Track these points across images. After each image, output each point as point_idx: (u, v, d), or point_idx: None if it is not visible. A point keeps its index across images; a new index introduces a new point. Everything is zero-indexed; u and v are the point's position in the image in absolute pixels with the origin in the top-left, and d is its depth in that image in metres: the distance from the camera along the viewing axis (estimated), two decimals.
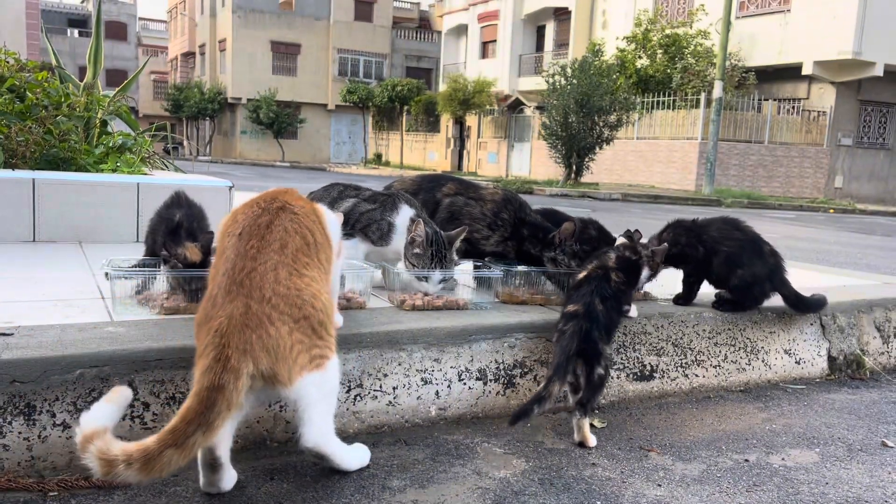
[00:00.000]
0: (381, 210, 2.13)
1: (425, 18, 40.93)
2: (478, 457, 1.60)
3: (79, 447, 1.11)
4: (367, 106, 32.41)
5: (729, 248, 2.20)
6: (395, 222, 2.11)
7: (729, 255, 2.19)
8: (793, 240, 4.35)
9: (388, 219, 2.12)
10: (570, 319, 1.76)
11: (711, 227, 2.25)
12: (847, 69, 17.42)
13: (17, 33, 15.61)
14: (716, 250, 2.21)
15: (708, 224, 2.27)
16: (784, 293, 2.27)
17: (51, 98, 3.63)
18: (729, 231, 2.24)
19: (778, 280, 2.25)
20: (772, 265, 2.23)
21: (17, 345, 1.45)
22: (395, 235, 2.11)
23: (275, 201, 1.44)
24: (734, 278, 2.22)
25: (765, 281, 2.23)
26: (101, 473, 1.10)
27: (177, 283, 1.84)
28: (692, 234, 2.24)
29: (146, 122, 33.44)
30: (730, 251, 2.20)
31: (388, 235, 2.11)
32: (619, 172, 19.81)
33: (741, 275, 2.21)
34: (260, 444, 1.58)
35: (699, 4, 19.48)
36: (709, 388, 2.20)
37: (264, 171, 22.89)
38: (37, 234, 3.07)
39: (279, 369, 1.25)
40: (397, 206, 2.14)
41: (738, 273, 2.21)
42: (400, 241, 2.10)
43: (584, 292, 1.81)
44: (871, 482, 1.58)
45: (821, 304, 2.36)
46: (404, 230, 2.09)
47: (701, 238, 2.23)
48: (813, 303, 2.34)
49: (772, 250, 2.26)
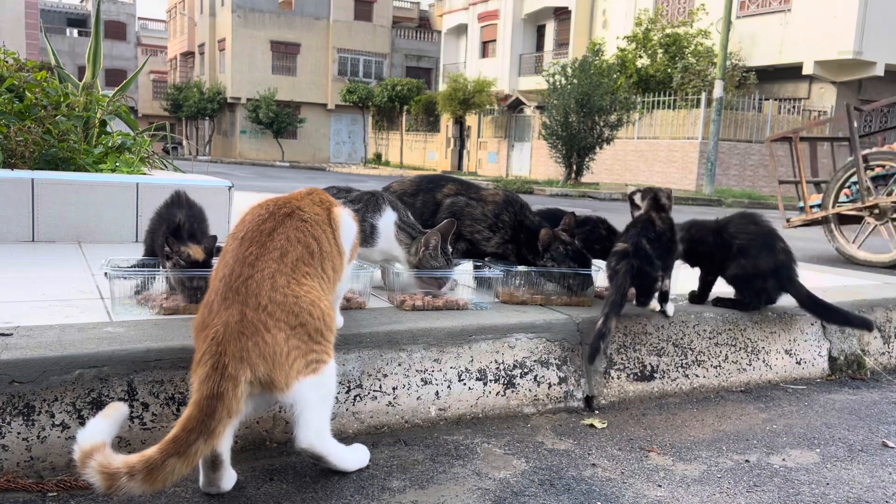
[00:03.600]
0: (363, 211, 2.08)
1: (425, 18, 40.94)
2: (478, 457, 1.60)
3: (78, 464, 1.11)
4: (367, 106, 32.43)
5: (741, 241, 2.21)
6: (378, 225, 2.07)
7: (740, 247, 2.20)
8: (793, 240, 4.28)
9: (370, 220, 2.07)
10: (622, 259, 1.96)
11: (730, 224, 2.27)
12: (847, 69, 17.42)
13: (17, 33, 15.60)
14: (730, 245, 2.22)
15: (728, 222, 2.28)
16: (792, 292, 2.22)
17: (50, 98, 3.63)
18: (744, 225, 2.24)
19: (784, 278, 2.20)
20: (780, 262, 2.19)
21: (16, 345, 1.45)
22: (379, 238, 2.07)
23: (285, 206, 1.43)
24: (734, 267, 2.21)
25: (767, 276, 2.20)
26: (104, 488, 1.10)
27: (178, 282, 1.83)
28: (717, 235, 2.26)
29: (145, 121, 33.47)
30: (741, 244, 2.20)
31: (370, 237, 2.07)
32: (619, 172, 19.81)
33: (742, 264, 2.19)
34: (259, 445, 1.57)
35: (699, 4, 19.49)
36: (709, 389, 2.19)
37: (264, 170, 22.89)
38: (36, 234, 3.07)
39: (276, 376, 1.25)
40: (381, 207, 2.09)
41: (741, 262, 2.19)
42: (383, 243, 2.07)
43: (632, 234, 2.00)
44: (871, 482, 1.58)
45: (853, 320, 2.25)
46: (388, 234, 2.06)
47: (723, 237, 2.24)
48: (837, 311, 2.23)
49: (784, 248, 2.23)
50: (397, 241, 2.07)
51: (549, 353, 1.96)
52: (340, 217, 1.54)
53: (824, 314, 2.27)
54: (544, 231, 2.20)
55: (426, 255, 2.01)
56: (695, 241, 2.25)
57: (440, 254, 2.02)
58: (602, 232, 2.44)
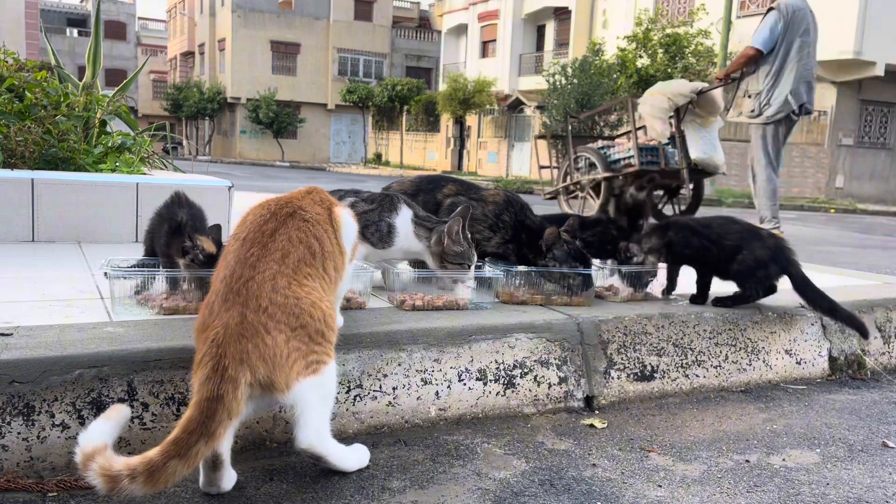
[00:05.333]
0: (379, 211, 2.10)
1: (425, 18, 40.93)
2: (478, 457, 1.60)
3: (80, 467, 1.11)
4: (367, 106, 32.42)
5: (731, 241, 2.26)
6: (396, 224, 2.10)
7: (731, 246, 2.26)
8: (794, 240, 4.27)
9: (387, 220, 2.09)
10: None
11: (713, 224, 2.33)
12: (848, 69, 17.42)
13: (16, 33, 15.60)
14: (720, 244, 2.27)
15: (709, 222, 2.35)
16: (793, 272, 2.25)
17: (50, 98, 3.63)
18: (728, 226, 2.30)
19: (784, 259, 2.25)
20: (772, 246, 2.25)
21: (16, 345, 1.45)
22: (397, 237, 2.09)
23: (287, 206, 1.43)
24: (734, 264, 2.25)
25: (769, 262, 2.24)
26: (106, 490, 1.10)
27: (196, 280, 1.82)
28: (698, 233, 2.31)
29: (145, 121, 33.45)
30: (732, 243, 2.26)
31: (388, 237, 2.09)
32: None
33: (742, 259, 2.23)
34: (259, 445, 1.57)
35: (700, 4, 19.48)
36: (709, 389, 2.19)
37: (264, 170, 22.89)
38: (36, 234, 3.07)
39: (276, 377, 1.25)
40: (396, 206, 2.12)
41: (739, 258, 2.24)
42: (403, 241, 2.09)
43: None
44: (871, 483, 1.58)
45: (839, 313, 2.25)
46: (407, 230, 2.08)
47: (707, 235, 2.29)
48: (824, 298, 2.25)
49: (770, 234, 2.31)
50: (416, 236, 2.10)
51: (549, 353, 1.96)
52: (341, 216, 1.54)
53: (811, 298, 2.27)
54: (550, 229, 2.21)
55: (449, 242, 2.04)
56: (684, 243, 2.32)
57: (462, 239, 2.06)
58: (613, 232, 2.46)
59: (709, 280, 2.34)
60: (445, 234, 2.04)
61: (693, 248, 2.29)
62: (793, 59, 5.33)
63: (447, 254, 2.05)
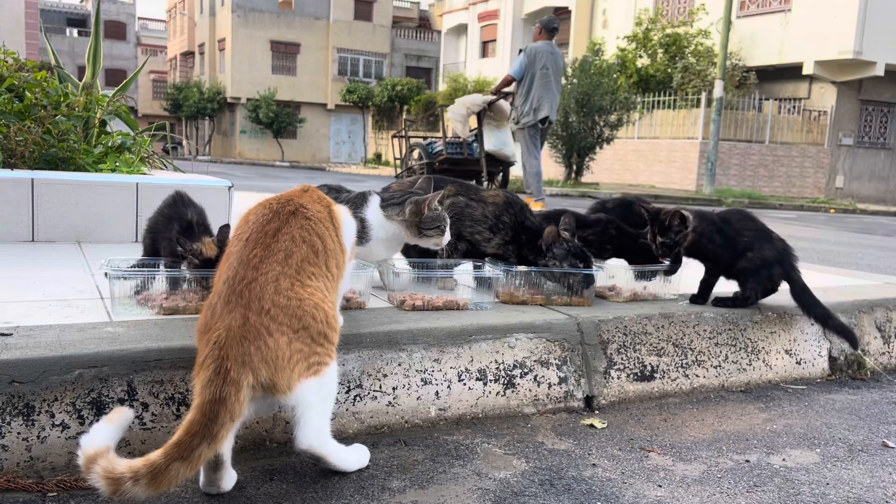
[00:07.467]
0: (353, 209, 1.95)
1: (425, 18, 40.93)
2: (478, 457, 1.60)
3: (83, 469, 1.11)
4: (367, 105, 32.42)
5: (746, 238, 2.25)
6: (367, 216, 2.00)
7: (745, 242, 2.25)
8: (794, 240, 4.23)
9: (359, 215, 1.98)
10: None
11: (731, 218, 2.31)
12: (848, 69, 17.43)
13: (16, 33, 15.59)
14: (736, 242, 2.25)
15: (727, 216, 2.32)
16: (795, 277, 2.25)
17: (50, 98, 3.63)
18: (745, 222, 2.28)
19: (788, 264, 2.25)
20: (780, 249, 2.25)
21: (16, 345, 1.45)
22: (372, 229, 2.00)
23: (288, 204, 1.42)
24: (742, 261, 2.24)
25: (774, 264, 2.24)
26: (109, 492, 1.10)
27: (197, 281, 1.82)
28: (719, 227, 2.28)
29: (145, 121, 33.48)
30: (747, 240, 2.25)
31: (365, 232, 2.00)
32: (619, 172, 19.80)
33: (750, 258, 2.23)
34: (259, 445, 1.57)
35: (700, 4, 19.48)
36: (709, 389, 2.19)
37: (264, 170, 22.87)
38: (35, 234, 3.07)
39: (278, 380, 1.25)
40: (366, 199, 2.03)
41: (748, 256, 2.23)
42: (380, 231, 2.00)
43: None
44: (871, 483, 1.58)
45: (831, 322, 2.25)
46: (378, 217, 1.99)
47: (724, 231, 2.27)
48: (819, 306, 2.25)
49: (780, 237, 2.30)
50: (388, 218, 1.99)
51: (550, 353, 1.96)
52: (341, 214, 1.54)
53: (806, 304, 2.27)
54: (549, 228, 2.21)
55: (426, 211, 1.96)
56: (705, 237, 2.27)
57: (438, 205, 1.99)
58: (612, 232, 2.47)
59: (715, 280, 2.32)
60: (421, 203, 1.95)
61: (715, 244, 2.26)
62: (536, 86, 7.67)
63: (423, 223, 1.95)
